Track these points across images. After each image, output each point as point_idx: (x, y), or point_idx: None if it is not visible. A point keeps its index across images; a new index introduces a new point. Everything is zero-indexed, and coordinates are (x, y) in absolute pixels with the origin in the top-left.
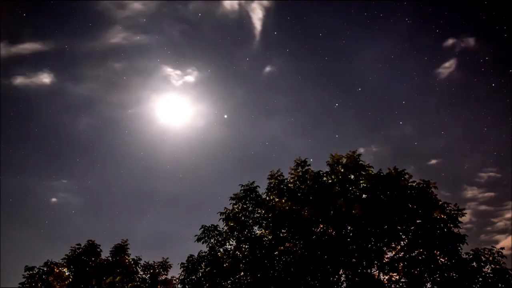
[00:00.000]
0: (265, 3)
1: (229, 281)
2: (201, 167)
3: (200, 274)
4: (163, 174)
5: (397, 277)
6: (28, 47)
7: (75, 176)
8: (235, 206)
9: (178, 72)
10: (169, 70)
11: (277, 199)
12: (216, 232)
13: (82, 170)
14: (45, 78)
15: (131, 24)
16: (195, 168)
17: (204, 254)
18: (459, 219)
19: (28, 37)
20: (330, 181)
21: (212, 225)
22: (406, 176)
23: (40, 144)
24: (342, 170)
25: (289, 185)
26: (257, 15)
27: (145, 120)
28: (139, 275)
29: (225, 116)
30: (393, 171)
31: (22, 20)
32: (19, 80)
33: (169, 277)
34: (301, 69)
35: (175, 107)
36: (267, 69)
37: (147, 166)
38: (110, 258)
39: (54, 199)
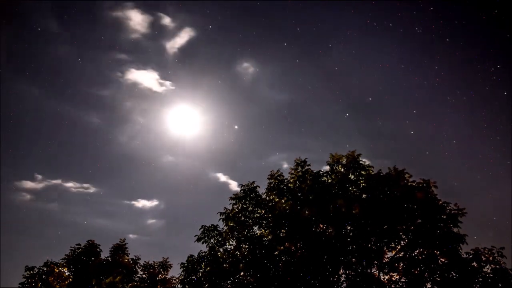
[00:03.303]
0: None
1: (229, 281)
2: (211, 177)
3: (200, 274)
4: (173, 185)
5: (397, 277)
6: None
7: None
8: (235, 206)
9: (188, 82)
10: (178, 80)
11: (277, 199)
12: (216, 232)
13: (93, 177)
14: None
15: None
16: (205, 178)
17: (204, 254)
18: (459, 218)
19: None
20: (330, 181)
21: (212, 225)
22: (406, 176)
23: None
24: (342, 170)
25: (289, 185)
26: None
27: (156, 131)
28: (138, 275)
29: (236, 127)
30: (393, 171)
31: None
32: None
33: (168, 276)
34: (310, 79)
35: (186, 118)
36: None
37: (157, 177)
38: (110, 258)
39: None
